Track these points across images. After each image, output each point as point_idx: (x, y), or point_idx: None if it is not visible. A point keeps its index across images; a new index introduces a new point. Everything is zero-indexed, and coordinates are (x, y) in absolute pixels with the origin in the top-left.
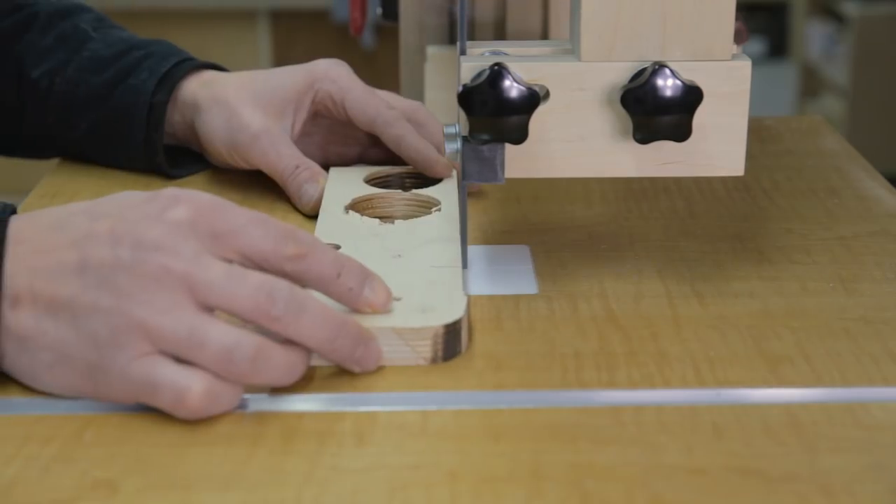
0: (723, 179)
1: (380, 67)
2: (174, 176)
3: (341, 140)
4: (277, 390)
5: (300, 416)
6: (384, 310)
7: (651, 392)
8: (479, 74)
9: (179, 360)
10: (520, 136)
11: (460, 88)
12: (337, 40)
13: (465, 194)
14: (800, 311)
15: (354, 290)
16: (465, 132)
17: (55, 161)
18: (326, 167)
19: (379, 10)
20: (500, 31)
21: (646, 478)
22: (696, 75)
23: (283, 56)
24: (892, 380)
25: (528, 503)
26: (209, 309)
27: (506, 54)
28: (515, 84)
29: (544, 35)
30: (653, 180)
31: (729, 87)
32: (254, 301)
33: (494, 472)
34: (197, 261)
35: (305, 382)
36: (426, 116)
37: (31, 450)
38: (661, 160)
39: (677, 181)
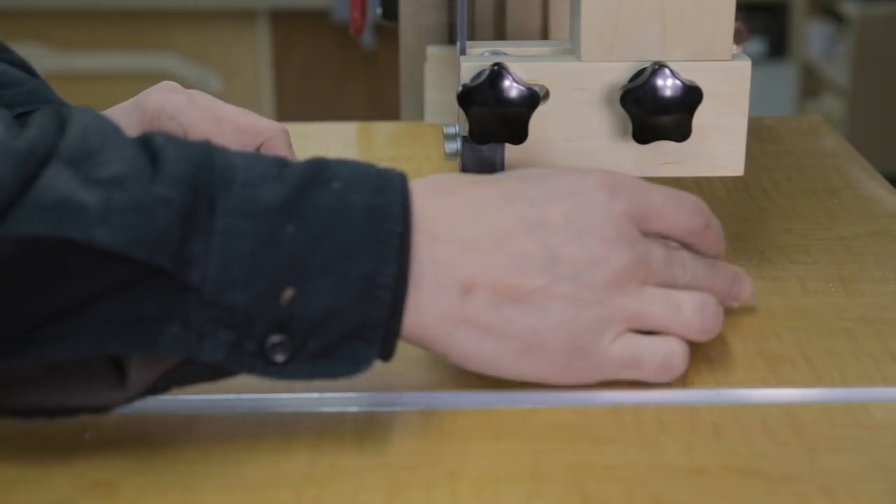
0: (723, 179)
1: (380, 67)
2: None
3: None
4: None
5: (300, 416)
6: None
7: (651, 392)
8: (479, 74)
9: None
10: (520, 136)
11: (460, 88)
12: (337, 40)
13: None
14: (800, 311)
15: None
16: (465, 132)
17: None
18: None
19: (379, 10)
20: (500, 31)
21: (646, 478)
22: (696, 75)
23: (283, 56)
24: (892, 380)
25: (528, 503)
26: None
27: (506, 54)
28: (515, 84)
29: (544, 35)
30: (652, 180)
31: (729, 87)
32: (705, 266)
33: (494, 472)
34: (647, 251)
35: (305, 382)
36: (277, 147)
37: (31, 450)
38: (661, 160)
39: (677, 181)
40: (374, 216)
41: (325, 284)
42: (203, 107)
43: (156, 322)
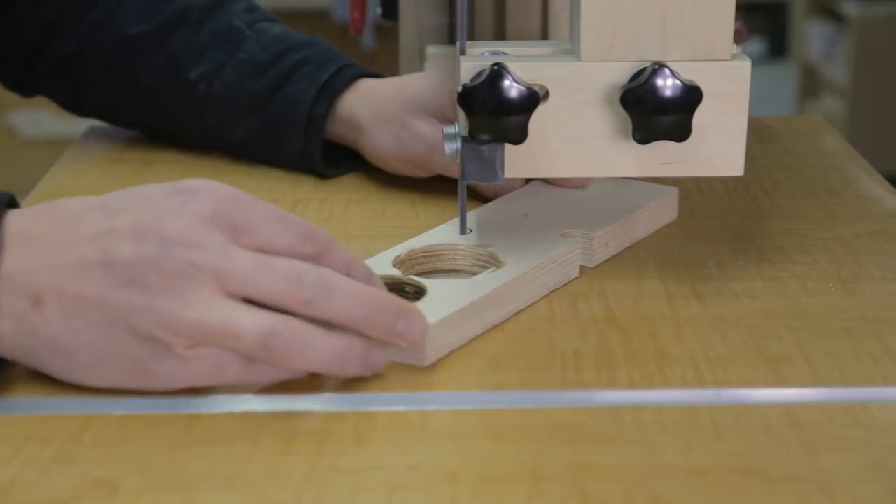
0: (723, 179)
1: (380, 67)
2: (330, 176)
3: None
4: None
5: (300, 416)
6: None
7: (651, 392)
8: (479, 74)
9: None
10: (520, 136)
11: (460, 88)
12: (337, 40)
13: (465, 195)
14: (800, 311)
15: None
16: (465, 132)
17: (53, 161)
18: None
19: (379, 10)
20: (500, 31)
21: (646, 478)
22: (696, 75)
23: None
24: (892, 380)
25: (528, 503)
26: (240, 299)
27: (505, 54)
28: (515, 84)
29: (544, 35)
30: (652, 180)
31: (729, 87)
32: (283, 287)
33: (494, 472)
34: (223, 253)
35: (306, 382)
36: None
37: (31, 450)
38: (661, 160)
39: (677, 181)
40: None
41: None
42: None
43: None
